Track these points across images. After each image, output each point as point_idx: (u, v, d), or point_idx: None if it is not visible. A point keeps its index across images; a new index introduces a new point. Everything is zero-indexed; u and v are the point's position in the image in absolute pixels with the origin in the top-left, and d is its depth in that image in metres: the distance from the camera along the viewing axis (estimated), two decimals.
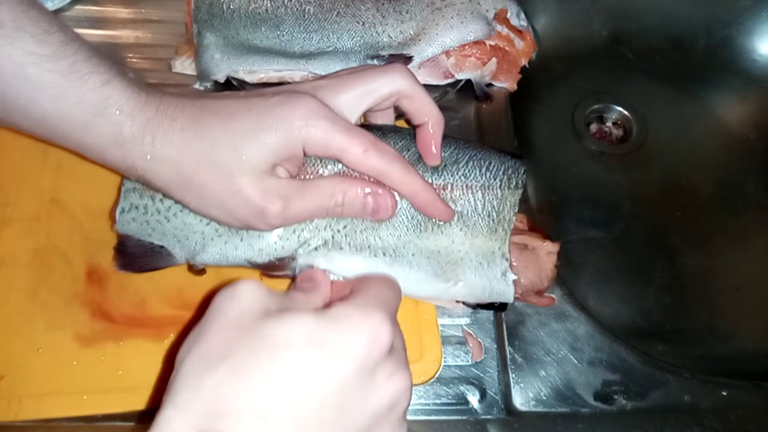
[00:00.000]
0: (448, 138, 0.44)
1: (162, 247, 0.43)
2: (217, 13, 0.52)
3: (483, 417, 0.43)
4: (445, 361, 0.45)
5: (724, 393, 0.45)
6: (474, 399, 0.44)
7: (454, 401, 0.44)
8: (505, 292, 0.42)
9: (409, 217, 0.42)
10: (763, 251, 0.62)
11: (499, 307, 0.44)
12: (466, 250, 0.42)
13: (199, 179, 0.37)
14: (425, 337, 0.45)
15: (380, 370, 0.29)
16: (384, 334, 0.29)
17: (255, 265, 0.42)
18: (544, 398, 0.44)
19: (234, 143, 0.36)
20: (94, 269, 0.45)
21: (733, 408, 0.45)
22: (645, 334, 0.56)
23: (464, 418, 0.43)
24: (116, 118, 0.36)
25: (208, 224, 0.42)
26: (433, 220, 0.42)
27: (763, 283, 0.60)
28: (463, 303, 0.44)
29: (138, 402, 0.41)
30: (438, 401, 0.44)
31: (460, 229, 0.42)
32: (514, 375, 0.45)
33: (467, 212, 0.42)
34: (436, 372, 0.44)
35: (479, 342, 0.45)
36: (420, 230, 0.42)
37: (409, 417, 0.42)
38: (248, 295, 0.30)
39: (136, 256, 0.43)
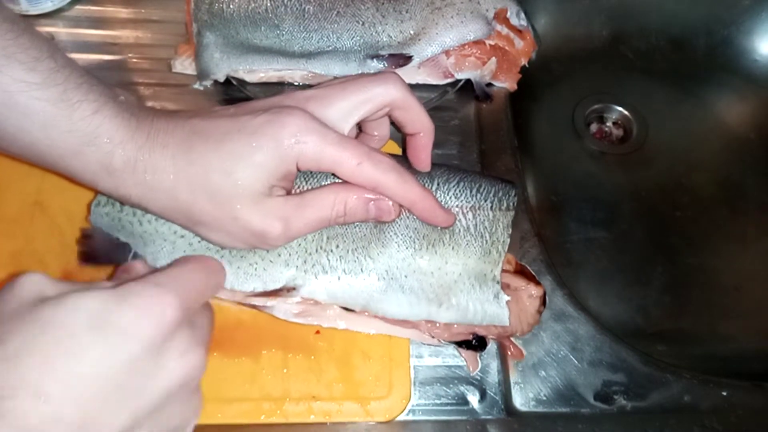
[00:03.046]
0: (439, 164, 0.44)
1: (126, 243, 0.43)
2: (217, 12, 0.52)
3: (483, 417, 0.43)
4: (444, 362, 0.45)
5: (724, 393, 0.45)
6: (474, 399, 0.44)
7: (454, 401, 0.44)
8: (499, 315, 0.41)
9: (400, 235, 0.41)
10: (763, 251, 0.62)
11: (478, 345, 0.43)
12: (459, 272, 0.41)
13: (197, 207, 0.37)
14: (396, 372, 0.43)
15: (170, 349, 0.30)
16: (171, 313, 0.30)
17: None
18: (544, 398, 0.44)
19: (227, 168, 0.36)
20: (68, 276, 0.45)
21: (733, 408, 0.45)
22: (645, 334, 0.56)
23: (464, 418, 0.43)
24: (106, 147, 0.36)
25: (182, 236, 0.41)
26: (427, 238, 0.41)
27: (763, 283, 0.60)
28: (439, 340, 0.43)
29: None
30: (438, 401, 0.44)
31: (453, 248, 0.42)
32: (514, 375, 0.44)
33: (459, 231, 0.42)
34: (403, 410, 0.42)
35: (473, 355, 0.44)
36: (414, 248, 0.41)
37: (409, 417, 0.43)
38: (29, 284, 0.30)
39: (100, 252, 0.43)
